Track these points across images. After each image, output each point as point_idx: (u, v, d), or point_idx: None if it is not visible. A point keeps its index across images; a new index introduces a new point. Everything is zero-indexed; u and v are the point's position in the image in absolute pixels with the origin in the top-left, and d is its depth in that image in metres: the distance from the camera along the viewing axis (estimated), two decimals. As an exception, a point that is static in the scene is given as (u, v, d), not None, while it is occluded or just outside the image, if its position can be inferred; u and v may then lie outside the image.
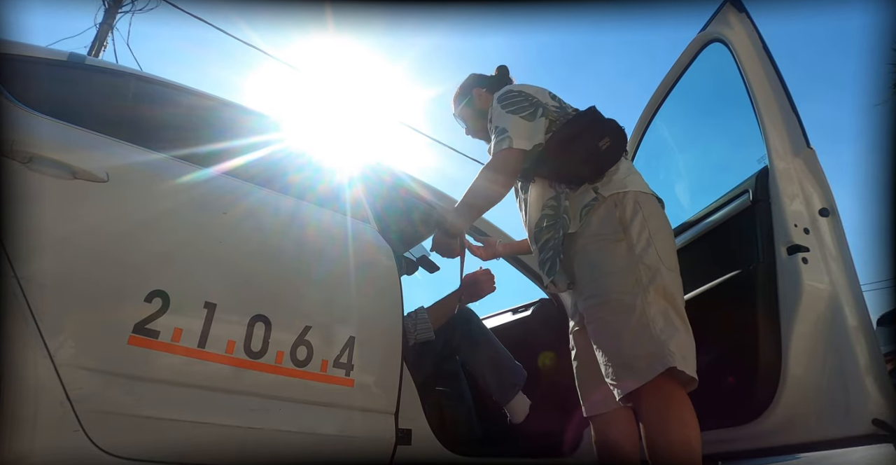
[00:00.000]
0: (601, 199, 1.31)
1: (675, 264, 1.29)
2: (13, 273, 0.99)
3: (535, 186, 1.46)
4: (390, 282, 1.57)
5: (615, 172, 1.36)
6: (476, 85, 1.69)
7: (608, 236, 1.27)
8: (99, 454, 1.01)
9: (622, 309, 1.20)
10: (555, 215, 1.38)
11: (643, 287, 1.20)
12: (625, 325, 1.19)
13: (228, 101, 1.66)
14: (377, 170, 1.93)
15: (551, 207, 1.39)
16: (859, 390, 1.29)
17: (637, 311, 1.18)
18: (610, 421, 1.38)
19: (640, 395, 1.15)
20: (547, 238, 1.40)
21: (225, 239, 1.30)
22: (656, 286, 1.20)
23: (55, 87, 1.32)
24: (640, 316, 1.18)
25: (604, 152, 1.33)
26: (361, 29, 4.53)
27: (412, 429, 1.49)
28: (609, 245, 1.27)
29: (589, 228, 1.30)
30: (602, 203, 1.31)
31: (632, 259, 1.23)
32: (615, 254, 1.25)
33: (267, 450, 1.23)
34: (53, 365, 0.99)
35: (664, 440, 1.11)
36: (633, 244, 1.25)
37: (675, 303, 1.22)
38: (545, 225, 1.40)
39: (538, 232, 1.42)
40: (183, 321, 1.15)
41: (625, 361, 1.18)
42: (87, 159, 1.14)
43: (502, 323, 2.48)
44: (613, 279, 1.23)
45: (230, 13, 5.25)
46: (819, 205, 1.46)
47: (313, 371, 1.32)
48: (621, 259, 1.24)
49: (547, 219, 1.40)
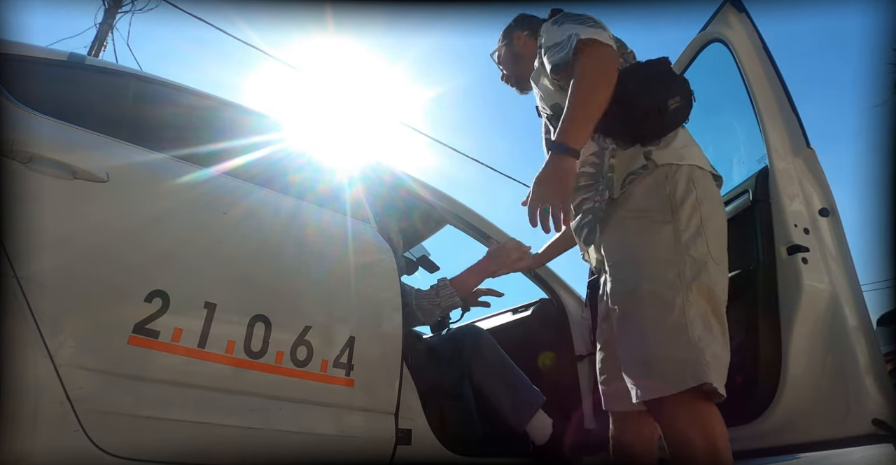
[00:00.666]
0: (652, 167, 1.13)
1: (724, 257, 1.13)
2: (13, 273, 0.99)
3: None
4: (390, 282, 1.57)
5: (673, 138, 1.18)
6: (519, 28, 1.52)
7: (653, 214, 1.10)
8: (99, 454, 1.02)
9: (656, 305, 1.05)
10: (595, 174, 1.21)
11: (685, 283, 1.04)
12: (657, 324, 1.04)
13: (228, 101, 1.66)
14: (377, 170, 1.93)
15: (592, 164, 1.22)
16: (859, 390, 1.29)
17: (675, 310, 1.03)
18: (629, 419, 1.26)
19: (664, 405, 1.02)
20: (583, 199, 1.23)
21: (225, 239, 1.30)
22: (700, 284, 1.05)
23: (55, 87, 1.32)
24: (677, 316, 1.02)
25: (671, 112, 1.13)
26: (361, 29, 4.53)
27: (412, 429, 1.49)
28: (652, 226, 1.10)
29: (632, 200, 1.13)
30: (651, 173, 1.13)
31: (677, 248, 1.07)
32: (658, 238, 1.09)
33: (267, 450, 1.23)
34: (53, 365, 0.99)
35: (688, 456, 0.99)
36: (680, 230, 1.08)
37: (718, 307, 1.07)
38: (581, 184, 1.23)
39: (574, 190, 1.23)
40: (183, 321, 1.15)
41: (650, 363, 1.03)
42: (88, 159, 1.14)
43: (502, 323, 2.48)
44: (651, 268, 1.07)
45: (230, 13, 5.25)
46: (819, 205, 1.46)
47: (313, 371, 1.32)
48: (664, 246, 1.08)
49: (585, 177, 1.22)
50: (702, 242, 1.08)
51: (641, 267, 1.08)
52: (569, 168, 1.08)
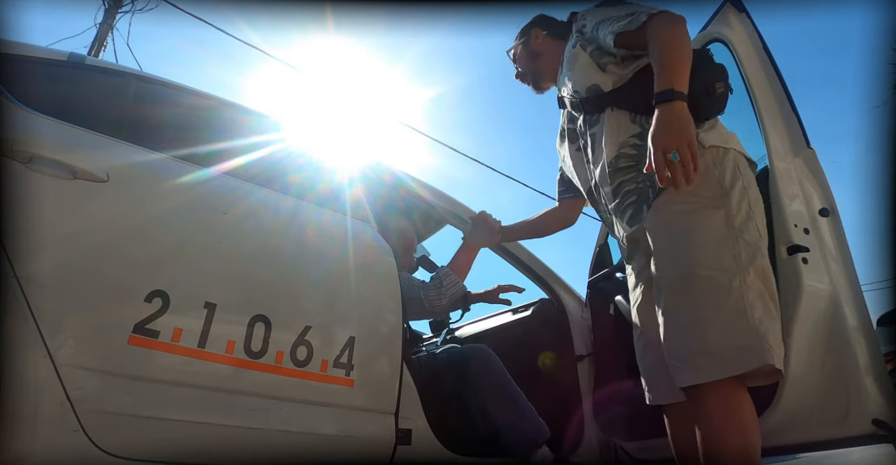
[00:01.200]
0: (700, 148, 1.13)
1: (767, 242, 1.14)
2: (13, 273, 0.99)
3: (610, 117, 1.27)
4: (390, 282, 1.57)
5: (716, 122, 1.21)
6: (538, 26, 1.55)
7: (705, 199, 1.11)
8: (99, 454, 1.01)
9: (714, 289, 1.05)
10: (636, 156, 1.21)
11: (742, 267, 1.06)
12: (716, 309, 1.04)
13: (228, 101, 1.66)
14: (377, 170, 1.93)
15: (633, 145, 1.22)
16: (859, 390, 1.29)
17: (734, 294, 1.04)
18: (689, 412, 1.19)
19: (704, 391, 1.03)
20: (624, 180, 1.23)
21: (225, 239, 1.30)
22: (756, 267, 1.06)
23: (55, 87, 1.32)
24: (736, 300, 1.04)
25: (718, 96, 1.16)
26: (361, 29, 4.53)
27: (412, 429, 1.49)
28: (704, 211, 1.11)
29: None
30: (700, 157, 1.12)
31: (730, 233, 1.08)
32: (711, 223, 1.10)
33: (267, 450, 1.23)
34: (53, 365, 0.99)
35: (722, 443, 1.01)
36: (732, 215, 1.10)
37: (772, 288, 1.09)
38: (622, 165, 1.23)
39: (613, 173, 1.24)
40: (183, 321, 1.15)
41: (708, 349, 1.03)
42: (88, 159, 1.14)
43: (502, 323, 2.48)
44: (706, 252, 1.08)
45: (230, 13, 5.25)
46: (819, 205, 1.46)
47: (313, 371, 1.32)
48: (718, 230, 1.09)
49: (625, 158, 1.22)
50: (753, 226, 1.10)
51: (697, 252, 1.08)
52: (685, 114, 1.06)
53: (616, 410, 1.99)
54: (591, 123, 1.32)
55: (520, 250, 2.28)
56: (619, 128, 1.25)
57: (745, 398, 1.04)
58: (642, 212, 1.19)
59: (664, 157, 1.04)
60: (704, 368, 1.03)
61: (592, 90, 1.30)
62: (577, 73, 1.34)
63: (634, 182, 1.21)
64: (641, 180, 1.19)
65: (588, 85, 1.31)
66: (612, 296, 2.09)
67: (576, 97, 1.35)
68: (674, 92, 1.07)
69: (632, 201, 1.22)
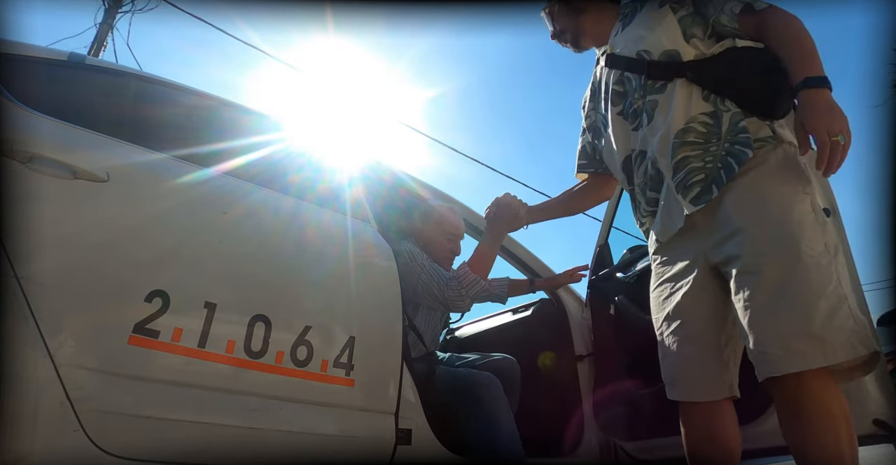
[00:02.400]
0: (778, 141, 1.16)
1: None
2: (13, 273, 0.99)
3: (683, 87, 1.22)
4: (390, 282, 1.57)
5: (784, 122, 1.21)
6: None
7: (794, 183, 1.11)
8: (99, 453, 1.01)
9: (818, 273, 1.02)
10: (706, 134, 1.18)
11: (833, 254, 1.05)
12: (821, 292, 1.01)
13: (228, 101, 1.66)
14: (377, 170, 1.93)
15: (703, 123, 1.19)
16: (859, 390, 1.29)
17: (833, 280, 1.02)
18: (717, 412, 1.17)
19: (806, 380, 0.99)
20: (690, 156, 1.19)
21: (225, 239, 1.30)
22: (839, 263, 1.06)
23: (55, 86, 1.32)
24: (836, 287, 1.02)
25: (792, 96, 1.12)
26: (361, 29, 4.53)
27: (412, 429, 1.49)
28: (797, 193, 1.10)
29: (766, 164, 1.13)
30: (779, 147, 1.15)
31: (818, 220, 1.08)
32: (804, 208, 1.08)
33: (267, 450, 1.23)
34: (53, 365, 0.99)
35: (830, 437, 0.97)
36: (816, 204, 1.09)
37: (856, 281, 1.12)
38: (689, 140, 1.19)
39: (678, 145, 1.20)
40: (183, 321, 1.15)
41: (814, 332, 0.98)
42: (88, 159, 1.14)
43: (502, 323, 2.49)
44: (806, 231, 1.05)
45: (230, 13, 5.25)
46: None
47: (313, 371, 1.32)
48: (809, 216, 1.07)
49: (694, 134, 1.19)
50: (830, 223, 1.11)
51: (799, 231, 1.05)
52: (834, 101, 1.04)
53: (616, 410, 1.99)
54: (651, 90, 1.26)
55: (520, 250, 2.28)
56: (692, 101, 1.21)
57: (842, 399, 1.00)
58: (711, 192, 1.15)
59: (829, 138, 1.00)
60: (810, 354, 0.98)
61: (668, 55, 1.25)
62: (658, 34, 1.28)
63: (702, 160, 1.17)
64: (710, 160, 1.16)
65: (665, 49, 1.26)
66: (612, 296, 2.09)
67: (644, 57, 1.28)
68: (826, 80, 1.05)
69: (699, 180, 1.17)
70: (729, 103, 1.18)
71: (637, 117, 1.29)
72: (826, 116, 1.02)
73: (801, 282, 1.02)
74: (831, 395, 0.99)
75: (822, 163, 1.01)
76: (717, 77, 1.20)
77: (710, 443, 1.17)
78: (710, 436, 1.17)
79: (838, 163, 1.01)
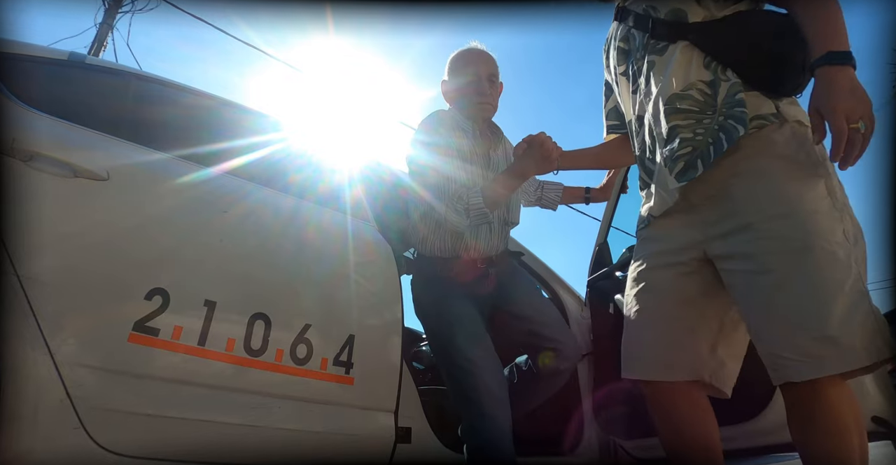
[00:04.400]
0: (781, 119, 1.02)
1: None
2: (14, 271, 0.99)
3: (684, 51, 1.10)
4: (390, 281, 1.58)
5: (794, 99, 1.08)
6: None
7: (806, 166, 0.98)
8: (99, 451, 1.02)
9: (833, 264, 0.91)
10: (702, 103, 1.06)
11: (852, 243, 0.93)
12: (839, 288, 0.89)
13: (228, 101, 1.67)
14: (377, 170, 1.94)
15: (700, 91, 1.07)
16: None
17: (853, 273, 0.91)
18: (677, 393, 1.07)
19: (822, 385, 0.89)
20: (680, 125, 1.07)
21: (225, 238, 1.30)
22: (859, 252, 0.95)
23: (56, 86, 1.33)
24: (855, 281, 0.90)
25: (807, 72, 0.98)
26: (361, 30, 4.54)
27: (412, 427, 1.49)
28: (809, 179, 0.97)
29: (773, 147, 1.00)
30: (785, 125, 1.02)
31: (835, 205, 0.96)
32: (818, 192, 0.96)
33: (267, 448, 1.23)
34: (54, 363, 0.99)
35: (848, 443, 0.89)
36: (833, 187, 0.97)
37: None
38: (683, 107, 1.07)
39: (670, 112, 1.08)
40: (183, 319, 1.16)
41: (831, 334, 0.87)
42: (88, 158, 1.14)
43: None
44: (821, 221, 0.94)
45: (230, 13, 5.26)
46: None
47: (313, 369, 1.32)
48: (825, 202, 0.95)
49: (688, 101, 1.07)
50: (847, 201, 0.98)
51: (812, 219, 0.94)
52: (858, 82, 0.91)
53: (616, 409, 1.99)
54: (652, 49, 1.15)
55: (519, 249, 2.28)
56: (692, 66, 1.09)
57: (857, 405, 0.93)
58: (696, 168, 1.04)
59: (848, 125, 0.87)
60: (827, 358, 0.88)
61: (674, 14, 1.12)
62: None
63: (692, 131, 1.06)
64: (702, 133, 1.05)
65: (673, 7, 1.13)
66: (611, 295, 2.09)
67: (650, 14, 1.16)
68: (850, 56, 0.91)
69: (686, 153, 1.06)
70: (730, 73, 1.06)
71: (636, 79, 1.19)
72: (847, 98, 0.88)
73: (816, 279, 0.91)
74: (846, 403, 0.91)
75: (837, 154, 0.89)
76: (719, 42, 1.07)
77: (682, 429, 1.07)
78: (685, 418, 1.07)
79: (857, 154, 0.89)
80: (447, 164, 1.63)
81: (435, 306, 1.59)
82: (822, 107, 0.90)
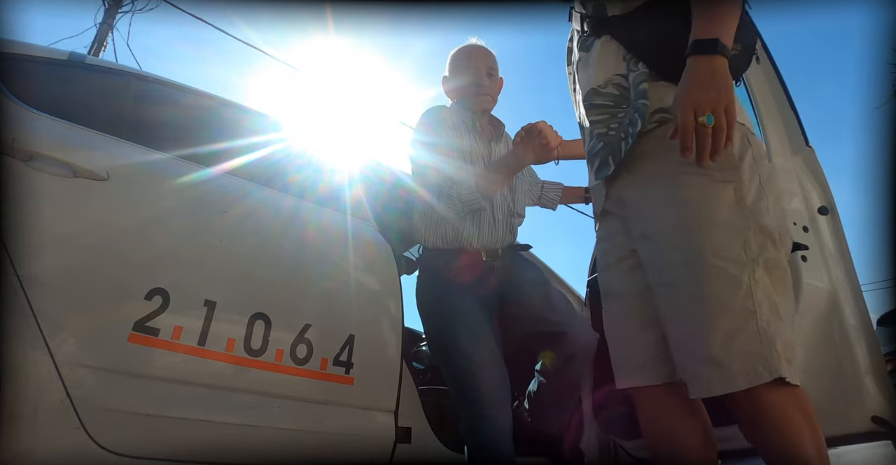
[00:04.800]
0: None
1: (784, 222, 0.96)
2: (14, 271, 0.99)
3: (603, 46, 1.07)
4: (390, 281, 1.57)
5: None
6: None
7: (712, 170, 0.89)
8: (99, 451, 1.02)
9: (724, 282, 0.87)
10: (618, 97, 1.03)
11: (751, 258, 0.88)
12: (723, 307, 0.87)
13: (228, 100, 1.67)
14: (377, 170, 1.94)
15: (617, 86, 1.03)
16: (859, 387, 1.30)
17: (743, 290, 0.86)
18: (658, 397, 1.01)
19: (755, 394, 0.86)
20: (595, 121, 1.05)
21: (225, 238, 1.30)
22: (766, 260, 0.89)
23: (56, 85, 1.33)
24: (744, 298, 0.86)
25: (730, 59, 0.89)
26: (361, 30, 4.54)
27: (412, 427, 1.49)
28: (711, 185, 0.91)
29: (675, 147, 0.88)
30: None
31: (741, 215, 0.90)
32: (720, 200, 0.90)
33: (267, 448, 1.23)
34: (54, 363, 0.99)
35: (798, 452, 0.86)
36: (743, 193, 0.91)
37: (784, 281, 0.92)
38: (598, 103, 1.05)
39: (588, 108, 1.07)
40: (183, 319, 1.16)
41: (714, 356, 0.86)
42: (88, 158, 1.14)
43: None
44: (717, 236, 0.89)
45: (230, 13, 5.26)
46: (818, 203, 1.46)
47: (313, 369, 1.32)
48: (727, 212, 0.90)
49: (604, 97, 1.04)
50: (765, 207, 0.92)
51: (707, 235, 0.90)
52: (726, 72, 0.85)
53: (615, 409, 1.99)
54: (582, 46, 1.12)
55: (523, 246, 2.28)
56: (609, 61, 1.05)
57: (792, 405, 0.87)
58: (609, 164, 1.01)
59: (695, 119, 0.83)
60: (714, 379, 0.87)
61: (596, 8, 1.10)
62: None
63: (606, 126, 1.03)
64: (616, 128, 1.01)
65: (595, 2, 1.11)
66: (611, 295, 2.09)
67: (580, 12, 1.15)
68: (720, 44, 0.86)
69: (599, 149, 1.03)
70: (641, 65, 1.01)
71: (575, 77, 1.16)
72: (698, 90, 0.84)
73: (701, 295, 0.88)
74: (789, 402, 0.86)
75: (683, 148, 0.84)
76: (630, 34, 1.03)
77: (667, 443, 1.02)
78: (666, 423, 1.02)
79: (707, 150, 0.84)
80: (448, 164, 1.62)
81: (437, 304, 1.58)
82: (675, 98, 0.87)
